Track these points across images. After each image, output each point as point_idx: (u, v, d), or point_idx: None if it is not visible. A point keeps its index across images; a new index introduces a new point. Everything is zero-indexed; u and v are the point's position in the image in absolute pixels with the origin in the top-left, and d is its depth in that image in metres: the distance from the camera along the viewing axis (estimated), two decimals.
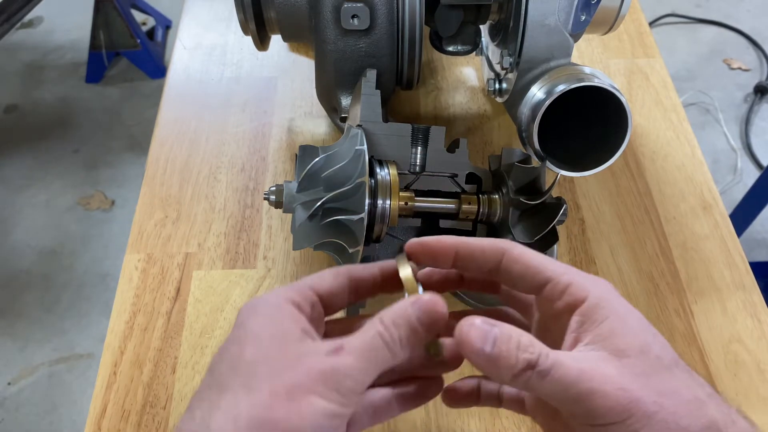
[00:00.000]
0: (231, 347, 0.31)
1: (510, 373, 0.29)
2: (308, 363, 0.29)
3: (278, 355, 0.30)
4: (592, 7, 0.56)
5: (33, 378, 1.51)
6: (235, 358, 0.30)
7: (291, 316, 0.32)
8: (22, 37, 2.30)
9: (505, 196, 0.54)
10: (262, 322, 0.31)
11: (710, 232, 0.67)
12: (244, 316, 0.32)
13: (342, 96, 0.64)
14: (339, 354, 0.30)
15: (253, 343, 0.30)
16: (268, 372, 0.29)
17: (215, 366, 0.31)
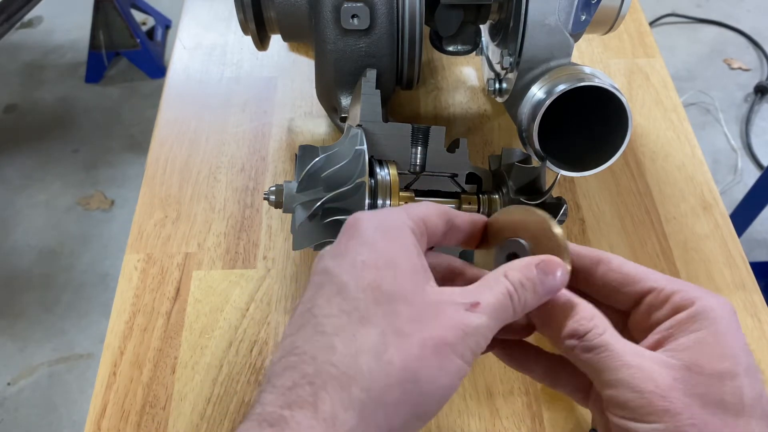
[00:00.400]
0: (365, 272, 0.28)
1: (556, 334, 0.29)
2: (450, 316, 0.28)
3: (417, 296, 0.28)
4: (593, 6, 0.56)
5: (33, 378, 1.51)
6: (374, 285, 0.28)
7: (416, 248, 0.30)
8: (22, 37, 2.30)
9: (505, 196, 0.54)
10: (394, 248, 0.29)
11: (710, 232, 0.67)
12: (370, 234, 0.30)
13: (342, 96, 0.64)
14: (477, 310, 0.28)
15: (390, 271, 0.28)
16: (412, 316, 0.27)
17: (350, 287, 0.28)
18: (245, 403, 0.56)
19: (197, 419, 0.55)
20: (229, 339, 0.59)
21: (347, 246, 0.30)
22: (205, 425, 0.55)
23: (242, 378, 0.57)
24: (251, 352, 0.59)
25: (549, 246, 0.32)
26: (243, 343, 0.59)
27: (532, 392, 0.56)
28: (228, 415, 0.55)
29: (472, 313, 0.28)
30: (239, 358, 0.58)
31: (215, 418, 0.55)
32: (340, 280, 0.29)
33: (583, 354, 0.29)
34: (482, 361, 0.58)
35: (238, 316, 0.61)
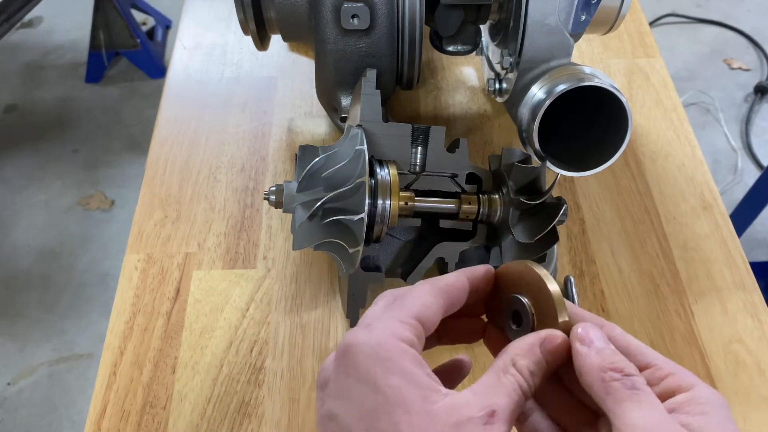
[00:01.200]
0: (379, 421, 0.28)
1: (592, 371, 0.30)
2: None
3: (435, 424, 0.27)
4: (593, 6, 0.56)
5: (33, 378, 1.51)
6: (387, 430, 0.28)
7: (416, 362, 0.29)
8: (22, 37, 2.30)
9: (505, 196, 0.53)
10: (397, 381, 0.28)
11: (710, 232, 0.67)
12: (371, 369, 0.29)
13: (342, 96, 0.64)
14: (494, 421, 0.28)
15: (402, 412, 0.28)
16: None
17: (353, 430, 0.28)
18: (245, 403, 0.56)
19: (197, 419, 0.55)
20: (229, 339, 0.59)
21: (347, 384, 0.30)
22: (205, 425, 0.55)
23: (242, 378, 0.57)
24: (251, 352, 0.59)
25: (547, 304, 0.33)
26: (243, 343, 0.59)
27: None
28: (228, 415, 0.55)
29: (492, 426, 0.28)
30: (239, 358, 0.58)
31: (215, 418, 0.55)
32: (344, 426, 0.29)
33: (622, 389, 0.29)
34: (482, 362, 0.58)
35: (238, 316, 0.61)
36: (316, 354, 0.59)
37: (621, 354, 0.31)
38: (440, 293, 0.33)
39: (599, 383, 0.30)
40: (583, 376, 0.30)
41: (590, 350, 0.31)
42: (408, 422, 0.27)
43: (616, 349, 0.31)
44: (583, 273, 0.64)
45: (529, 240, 0.52)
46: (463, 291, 0.34)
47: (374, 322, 0.31)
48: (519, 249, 0.54)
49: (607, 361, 0.30)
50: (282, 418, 0.55)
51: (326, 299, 0.62)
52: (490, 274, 0.36)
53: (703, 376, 0.58)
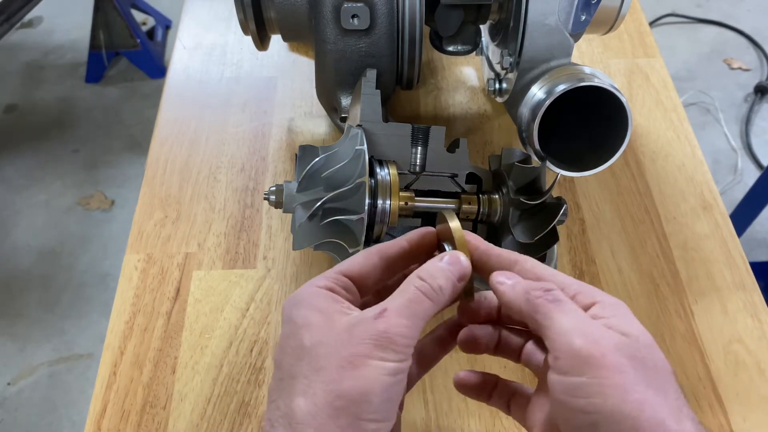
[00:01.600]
0: (288, 341, 0.34)
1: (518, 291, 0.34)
2: (359, 331, 0.32)
3: (331, 333, 0.33)
4: (593, 6, 0.56)
5: (33, 378, 1.51)
6: (296, 348, 0.33)
7: (328, 298, 0.34)
8: (22, 37, 2.30)
9: (505, 196, 0.54)
10: (305, 311, 0.34)
11: (710, 232, 0.67)
12: (288, 311, 0.35)
13: (342, 96, 0.64)
14: (384, 316, 0.32)
15: (306, 331, 0.33)
16: (328, 351, 0.32)
17: (281, 361, 0.34)
18: (245, 403, 0.56)
19: (197, 419, 0.55)
20: (229, 339, 0.59)
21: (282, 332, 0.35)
22: (206, 425, 0.55)
23: (242, 378, 0.57)
24: (251, 352, 0.59)
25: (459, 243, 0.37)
26: (243, 343, 0.59)
27: None
28: (228, 415, 0.55)
29: (381, 319, 0.32)
30: (239, 358, 0.58)
31: (215, 418, 0.55)
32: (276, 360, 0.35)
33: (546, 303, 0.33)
34: (482, 362, 0.58)
35: (238, 316, 0.61)
36: None
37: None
38: (371, 253, 0.38)
39: (525, 304, 0.34)
40: (511, 308, 0.35)
41: (509, 285, 0.35)
42: (309, 336, 0.33)
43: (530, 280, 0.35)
44: (583, 273, 0.64)
45: (529, 240, 0.52)
46: (398, 248, 0.38)
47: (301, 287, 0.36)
48: (519, 249, 0.54)
49: (527, 286, 0.34)
50: None
51: None
52: (430, 234, 0.40)
53: (703, 376, 0.58)
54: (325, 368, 0.31)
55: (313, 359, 0.32)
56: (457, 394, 0.56)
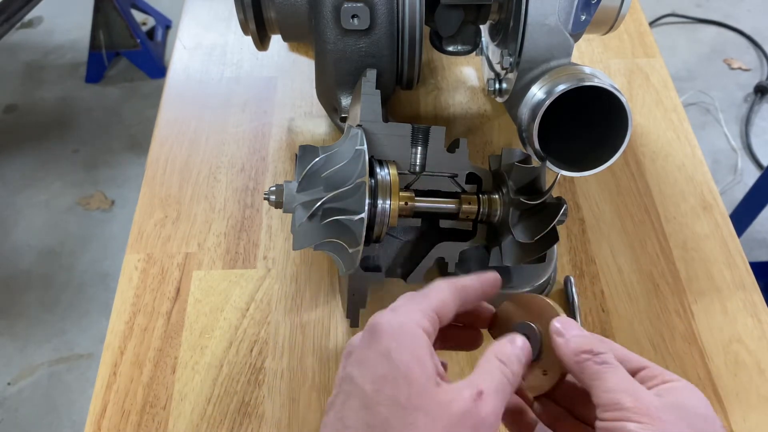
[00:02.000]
0: (384, 387, 0.33)
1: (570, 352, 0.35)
2: (459, 412, 0.32)
3: (430, 401, 0.32)
4: (593, 7, 0.56)
5: (33, 378, 1.51)
6: (392, 398, 0.32)
7: (427, 350, 0.34)
8: (22, 37, 2.30)
9: (505, 196, 0.53)
10: (407, 360, 0.33)
11: (710, 232, 0.67)
12: (387, 343, 0.34)
13: (342, 96, 0.64)
14: (482, 400, 0.33)
15: (405, 386, 0.33)
16: (426, 423, 0.32)
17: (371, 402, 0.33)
18: (245, 403, 0.56)
19: (197, 419, 0.55)
20: (229, 339, 0.59)
21: (368, 354, 0.34)
22: (206, 425, 0.55)
23: (242, 378, 0.57)
24: (251, 352, 0.59)
25: None
26: (243, 343, 0.59)
27: None
28: (228, 415, 0.55)
29: (479, 403, 0.32)
30: (239, 358, 0.58)
31: (215, 418, 0.55)
32: (364, 393, 0.33)
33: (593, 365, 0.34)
34: None
35: (238, 316, 0.61)
36: (316, 354, 0.59)
37: (596, 337, 0.36)
38: (457, 292, 0.38)
39: (575, 365, 0.35)
40: (565, 364, 0.36)
41: (565, 339, 0.36)
42: (407, 394, 0.32)
43: (588, 334, 0.36)
44: (583, 273, 0.64)
45: (529, 240, 0.52)
46: (476, 292, 0.39)
47: (399, 308, 0.36)
48: (519, 249, 0.54)
49: (579, 345, 0.35)
50: (282, 418, 0.55)
51: (326, 299, 0.62)
52: (498, 281, 0.41)
53: (703, 376, 0.58)
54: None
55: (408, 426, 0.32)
56: None
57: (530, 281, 0.59)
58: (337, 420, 0.34)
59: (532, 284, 0.59)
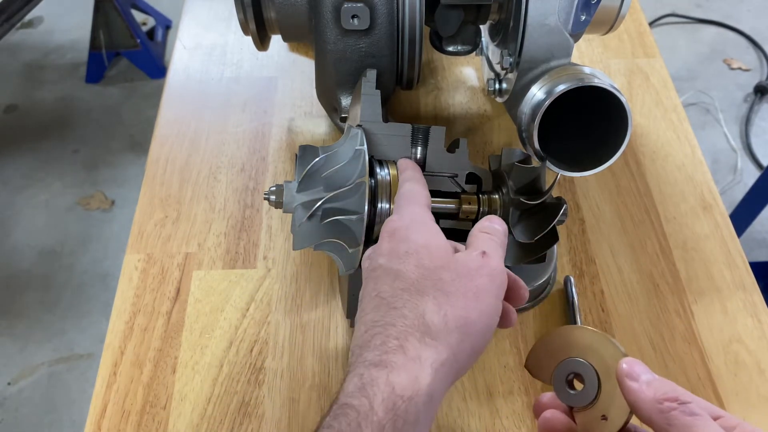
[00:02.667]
0: (409, 258, 0.39)
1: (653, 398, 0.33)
2: (474, 266, 0.39)
3: (450, 262, 0.39)
4: (592, 7, 0.56)
5: (33, 378, 1.51)
6: (419, 265, 0.38)
7: (439, 231, 0.42)
8: (22, 37, 2.30)
9: (505, 196, 0.54)
10: (424, 236, 0.40)
11: (710, 232, 0.67)
12: (404, 232, 0.41)
13: (342, 96, 0.64)
14: (488, 256, 0.39)
15: (426, 254, 0.39)
16: (453, 278, 0.38)
17: (401, 272, 0.38)
18: (245, 402, 0.56)
19: (197, 419, 0.55)
20: (229, 339, 0.59)
21: (390, 245, 0.40)
22: (206, 425, 0.55)
23: (242, 378, 0.57)
24: (251, 352, 0.59)
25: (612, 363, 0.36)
26: (243, 342, 0.59)
27: (532, 392, 0.56)
28: (228, 414, 0.55)
29: (487, 258, 0.39)
30: (239, 358, 0.58)
31: (215, 418, 0.55)
32: (393, 269, 0.39)
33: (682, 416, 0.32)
34: (482, 361, 0.58)
35: (239, 316, 0.61)
36: (316, 354, 0.59)
37: (670, 382, 0.34)
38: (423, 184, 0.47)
39: (658, 415, 0.32)
40: (640, 411, 0.33)
41: (640, 384, 0.34)
42: (430, 258, 0.39)
43: (663, 378, 0.34)
44: (583, 273, 0.64)
45: (529, 240, 0.52)
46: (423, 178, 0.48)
47: (402, 210, 0.43)
48: (519, 249, 0.54)
49: (660, 392, 0.33)
50: (282, 418, 0.55)
51: (326, 299, 0.62)
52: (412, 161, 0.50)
53: (703, 376, 0.58)
54: (454, 294, 0.37)
55: (438, 282, 0.38)
56: (458, 394, 0.56)
57: (530, 281, 0.59)
58: (373, 297, 0.38)
59: (532, 284, 0.59)
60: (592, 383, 0.36)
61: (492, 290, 0.38)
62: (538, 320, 0.61)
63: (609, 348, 0.36)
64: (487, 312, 0.37)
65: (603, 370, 0.36)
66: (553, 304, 0.62)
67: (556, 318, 0.61)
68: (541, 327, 0.60)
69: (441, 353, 0.35)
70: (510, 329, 0.60)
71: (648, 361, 0.58)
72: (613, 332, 0.60)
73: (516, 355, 0.59)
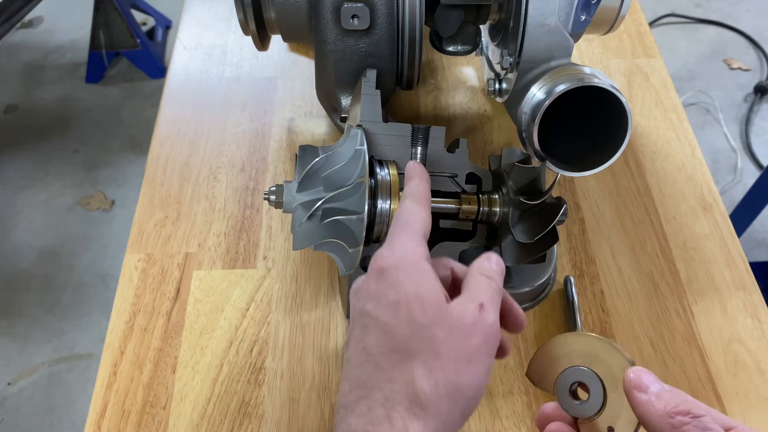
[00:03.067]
0: (399, 311, 0.35)
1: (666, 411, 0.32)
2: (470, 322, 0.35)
3: (444, 317, 0.35)
4: (592, 7, 0.56)
5: (33, 378, 1.51)
6: (410, 320, 0.35)
7: (432, 274, 0.37)
8: (22, 37, 2.30)
9: (505, 196, 0.54)
10: (415, 283, 0.36)
11: (710, 232, 0.67)
12: (394, 275, 0.37)
13: (342, 96, 0.64)
14: (485, 310, 0.36)
15: (419, 306, 0.35)
16: (446, 337, 0.35)
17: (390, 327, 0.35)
18: (245, 402, 0.56)
19: (197, 419, 0.55)
20: (229, 339, 0.59)
21: (378, 288, 0.37)
22: (206, 425, 0.55)
23: (242, 378, 0.57)
24: (251, 352, 0.59)
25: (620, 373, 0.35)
26: (243, 342, 0.59)
27: (532, 392, 0.56)
28: (228, 414, 0.55)
29: (484, 313, 0.36)
30: (239, 358, 0.58)
31: (216, 418, 0.55)
32: (381, 321, 0.35)
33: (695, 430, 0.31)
34: None
35: (239, 316, 0.61)
36: (316, 354, 0.59)
37: (681, 392, 0.33)
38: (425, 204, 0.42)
39: (670, 430, 0.31)
40: (650, 424, 0.32)
41: (650, 396, 0.33)
42: (422, 312, 0.35)
43: (673, 388, 0.33)
44: (583, 273, 0.64)
45: (529, 240, 0.52)
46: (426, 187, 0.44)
47: (394, 243, 0.39)
48: (519, 249, 0.54)
49: (671, 405, 0.32)
50: (282, 418, 0.55)
51: (326, 299, 0.62)
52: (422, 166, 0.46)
53: (703, 376, 0.58)
54: (446, 356, 0.34)
55: (430, 342, 0.34)
56: None
57: (530, 281, 0.59)
58: (360, 350, 0.35)
59: (532, 284, 0.59)
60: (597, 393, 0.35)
61: (485, 350, 0.35)
62: (538, 320, 0.61)
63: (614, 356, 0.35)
64: (480, 374, 0.35)
65: (609, 379, 0.35)
66: (553, 304, 0.62)
67: (556, 318, 0.61)
68: (541, 327, 0.60)
69: (429, 425, 0.33)
70: None
71: (648, 361, 0.58)
72: (613, 332, 0.60)
73: (516, 355, 0.59)
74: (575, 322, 0.59)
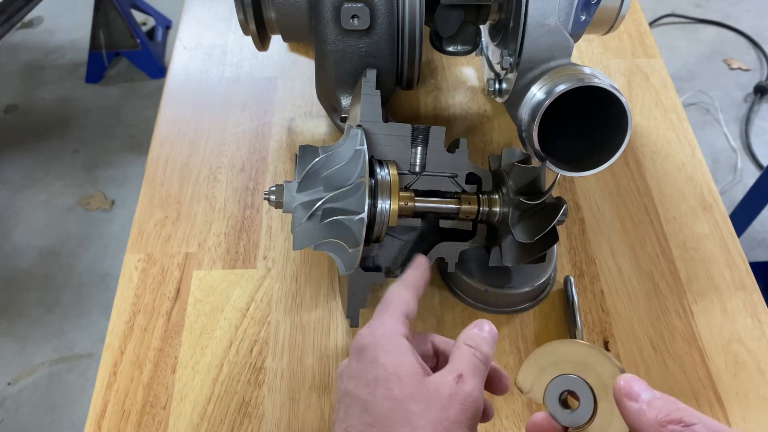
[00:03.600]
0: (378, 388, 0.36)
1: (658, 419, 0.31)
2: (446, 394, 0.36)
3: (421, 392, 0.36)
4: (592, 7, 0.56)
5: (33, 378, 1.51)
6: (387, 397, 0.36)
7: (410, 350, 0.38)
8: (22, 37, 2.30)
9: (505, 196, 0.54)
10: (393, 360, 0.37)
11: (710, 232, 0.67)
12: (373, 353, 0.38)
13: (342, 96, 0.64)
14: (463, 381, 0.36)
15: (396, 382, 0.36)
16: (422, 410, 0.35)
17: (369, 404, 0.36)
18: (245, 402, 0.56)
19: (197, 419, 0.55)
20: (229, 339, 0.59)
21: (359, 368, 0.38)
22: (206, 425, 0.55)
23: (242, 378, 0.57)
24: (251, 352, 0.59)
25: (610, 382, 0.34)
26: (243, 342, 0.59)
27: None
28: (228, 414, 0.55)
29: (461, 384, 0.36)
30: (239, 358, 0.58)
31: (216, 418, 0.55)
32: (362, 398, 0.36)
33: None
34: None
35: (239, 316, 0.61)
36: (316, 354, 0.59)
37: (673, 399, 0.32)
38: (411, 288, 0.43)
39: None
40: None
41: (641, 404, 0.32)
42: (400, 388, 0.36)
43: (665, 395, 0.32)
44: (583, 273, 0.64)
45: (529, 240, 0.52)
46: (421, 278, 0.44)
47: (374, 323, 0.40)
48: (519, 249, 0.54)
49: (663, 413, 0.31)
50: (282, 418, 0.55)
51: (326, 299, 0.62)
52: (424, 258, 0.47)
53: (703, 376, 0.58)
54: (423, 429, 0.34)
55: (407, 416, 0.35)
56: None
57: (530, 281, 0.59)
58: (342, 422, 0.36)
59: (532, 284, 0.59)
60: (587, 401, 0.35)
61: (464, 421, 0.35)
62: (538, 320, 0.61)
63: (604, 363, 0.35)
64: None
65: (599, 388, 0.35)
66: (553, 304, 0.62)
67: (556, 318, 0.61)
68: (541, 327, 0.60)
69: None
70: (510, 329, 0.60)
71: (648, 361, 0.58)
72: (613, 332, 0.60)
73: (516, 355, 0.59)
74: (575, 322, 0.59)
